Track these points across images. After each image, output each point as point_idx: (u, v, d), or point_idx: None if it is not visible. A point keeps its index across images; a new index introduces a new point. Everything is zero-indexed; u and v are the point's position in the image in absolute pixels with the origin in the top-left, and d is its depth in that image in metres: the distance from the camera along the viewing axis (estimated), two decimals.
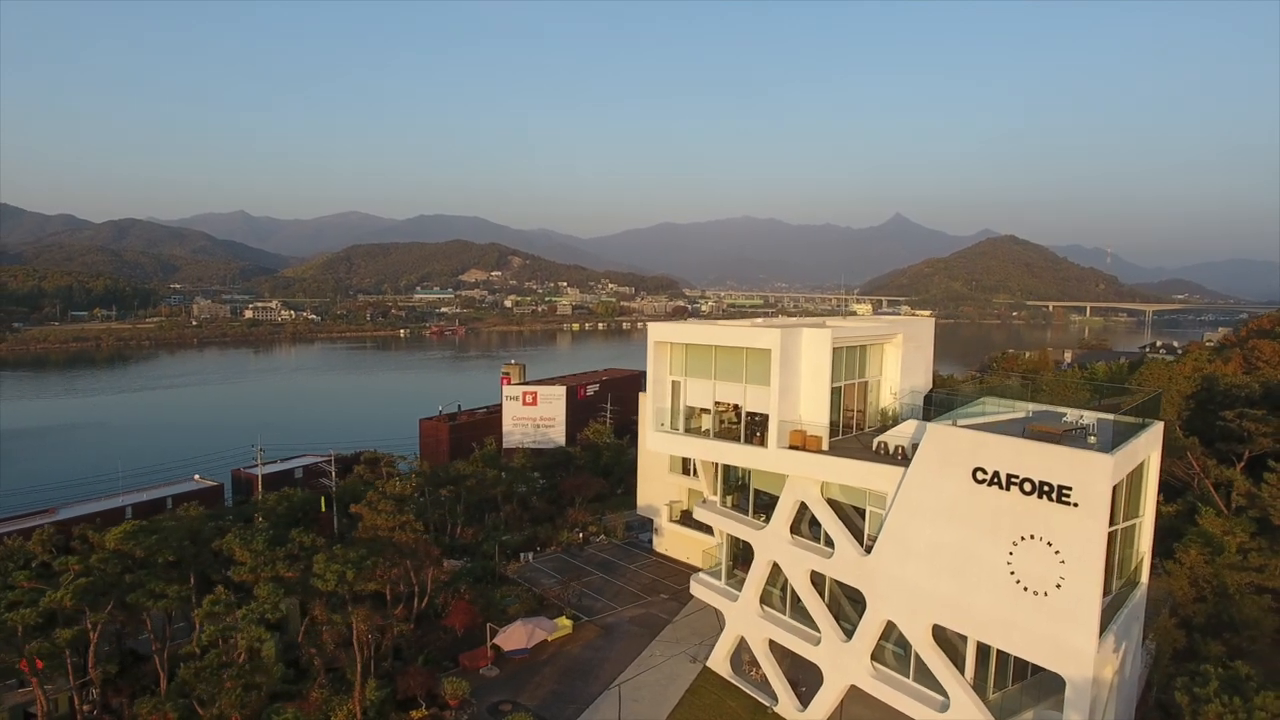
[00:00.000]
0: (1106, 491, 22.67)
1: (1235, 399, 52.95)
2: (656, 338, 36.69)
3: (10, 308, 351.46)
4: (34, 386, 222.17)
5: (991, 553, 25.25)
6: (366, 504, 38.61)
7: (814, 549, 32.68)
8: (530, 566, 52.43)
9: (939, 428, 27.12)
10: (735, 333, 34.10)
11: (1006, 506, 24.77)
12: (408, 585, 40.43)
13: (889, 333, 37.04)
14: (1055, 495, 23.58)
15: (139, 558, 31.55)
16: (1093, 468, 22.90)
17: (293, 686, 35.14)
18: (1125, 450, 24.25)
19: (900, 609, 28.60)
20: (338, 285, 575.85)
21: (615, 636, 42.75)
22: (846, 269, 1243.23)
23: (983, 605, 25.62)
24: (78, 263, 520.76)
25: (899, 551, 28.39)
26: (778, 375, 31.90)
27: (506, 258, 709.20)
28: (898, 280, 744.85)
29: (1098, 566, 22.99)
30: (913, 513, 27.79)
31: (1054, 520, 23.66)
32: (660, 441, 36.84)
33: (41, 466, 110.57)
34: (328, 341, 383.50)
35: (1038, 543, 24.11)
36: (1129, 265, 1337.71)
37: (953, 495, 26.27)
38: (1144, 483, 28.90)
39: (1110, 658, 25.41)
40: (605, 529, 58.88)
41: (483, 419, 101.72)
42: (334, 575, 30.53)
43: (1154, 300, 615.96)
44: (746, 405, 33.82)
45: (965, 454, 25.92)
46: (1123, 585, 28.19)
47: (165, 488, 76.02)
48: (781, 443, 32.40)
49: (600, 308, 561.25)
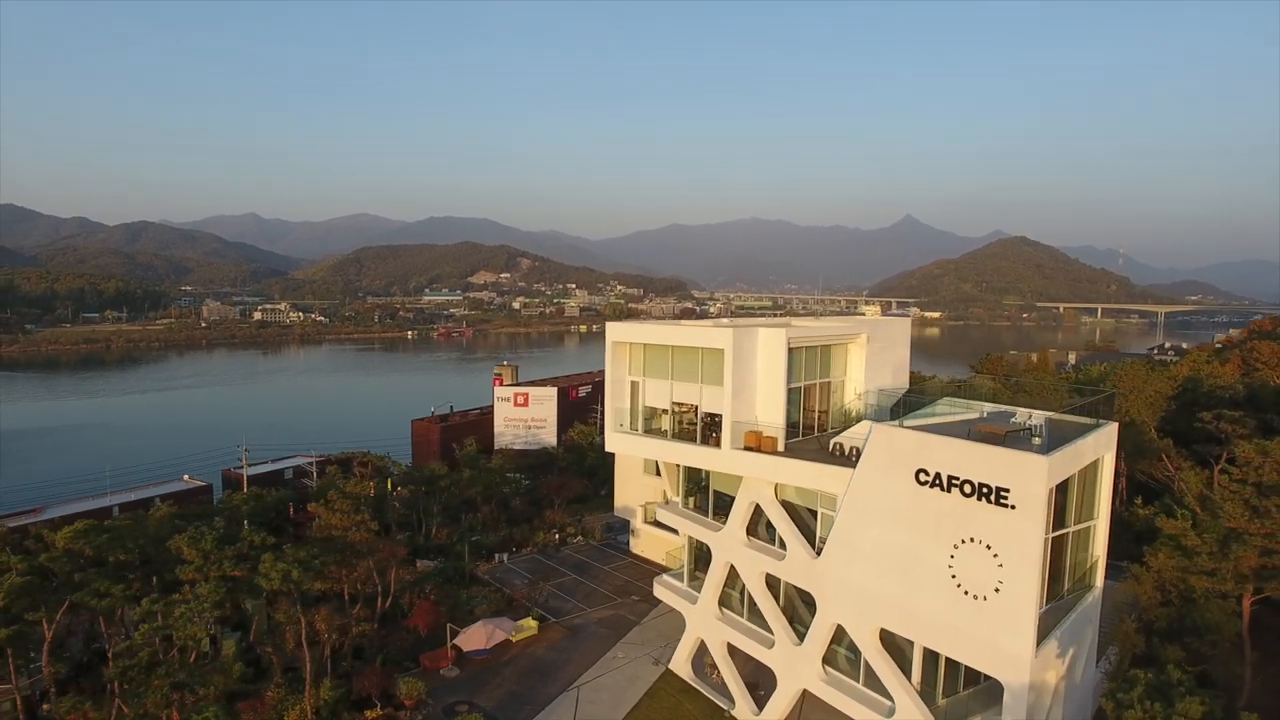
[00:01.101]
0: (1043, 493, 22.20)
1: (1219, 400, 52.22)
2: (614, 338, 36.43)
3: (23, 309, 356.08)
4: (42, 387, 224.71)
5: (934, 556, 24.81)
6: (324, 503, 38.60)
7: (768, 551, 32.32)
8: (504, 567, 52.26)
9: (883, 428, 26.73)
10: (690, 333, 33.82)
11: (948, 509, 24.34)
12: (372, 585, 40.36)
13: (852, 333, 36.61)
14: (994, 497, 23.14)
15: (89, 557, 31.65)
16: (1029, 469, 22.43)
17: (251, 686, 35.21)
18: (1066, 451, 23.76)
19: (848, 612, 28.21)
20: (347, 287, 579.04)
21: (581, 638, 42.48)
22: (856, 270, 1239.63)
23: (926, 609, 25.18)
24: (91, 265, 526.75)
25: (846, 554, 28.00)
26: (731, 375, 31.58)
27: (515, 259, 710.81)
28: (907, 281, 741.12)
29: (1035, 570, 22.53)
30: (859, 515, 27.39)
31: (993, 523, 23.22)
32: (618, 442, 36.58)
33: (41, 466, 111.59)
34: (336, 343, 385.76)
35: (977, 546, 23.67)
36: (1142, 266, 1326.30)
37: (897, 497, 25.85)
38: (1098, 485, 28.36)
39: (1054, 663, 24.91)
40: (583, 530, 58.66)
41: (475, 420, 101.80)
42: (279, 574, 30.46)
43: (1166, 301, 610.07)
44: (702, 406, 33.51)
45: (909, 455, 25.50)
46: (1074, 589, 27.69)
47: (154, 487, 76.42)
48: (736, 444, 32.07)
49: (608, 309, 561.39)
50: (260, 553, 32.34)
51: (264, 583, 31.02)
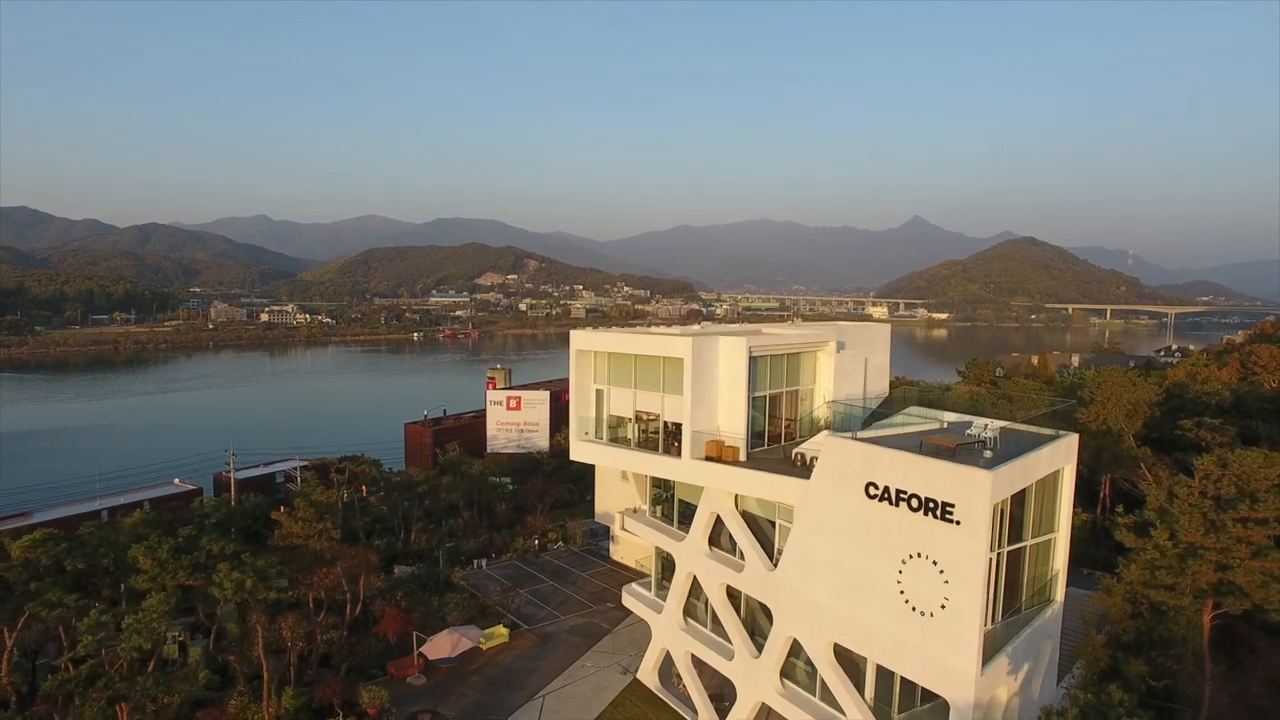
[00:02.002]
0: (987, 509, 21.81)
1: (1205, 407, 51.53)
2: (578, 346, 36.19)
3: (33, 311, 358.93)
4: (48, 389, 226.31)
5: (883, 571, 24.45)
6: (288, 511, 38.52)
7: (729, 562, 32.03)
8: (482, 574, 52.11)
9: (834, 440, 26.41)
10: (652, 341, 33.48)
11: (895, 523, 23.98)
12: (341, 592, 40.27)
13: (821, 340, 36.21)
14: (939, 512, 22.76)
15: (47, 566, 31.67)
16: (973, 484, 22.04)
17: (217, 694, 35.17)
18: (1014, 465, 23.34)
19: (802, 626, 27.88)
20: (354, 289, 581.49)
21: (551, 646, 42.27)
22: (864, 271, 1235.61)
23: (876, 625, 24.82)
24: (101, 267, 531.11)
25: (800, 567, 27.67)
26: (691, 385, 31.30)
27: (522, 261, 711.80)
28: (915, 282, 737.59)
29: (979, 587, 22.12)
30: (813, 527, 27.06)
31: (939, 538, 22.85)
32: (583, 451, 36.33)
33: (37, 469, 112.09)
34: (342, 345, 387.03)
35: (924, 561, 23.29)
36: (1152, 267, 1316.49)
37: (848, 510, 25.51)
38: (1058, 497, 27.93)
39: (1004, 680, 24.47)
40: (565, 536, 58.45)
41: (468, 424, 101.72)
42: (231, 584, 30.37)
43: (1176, 302, 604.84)
44: (664, 415, 33.23)
45: (859, 468, 25.16)
46: (1032, 603, 27.27)
47: (144, 491, 76.60)
48: (697, 453, 31.78)
49: (614, 311, 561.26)
50: (218, 562, 32.25)
51: (216, 592, 30.95)
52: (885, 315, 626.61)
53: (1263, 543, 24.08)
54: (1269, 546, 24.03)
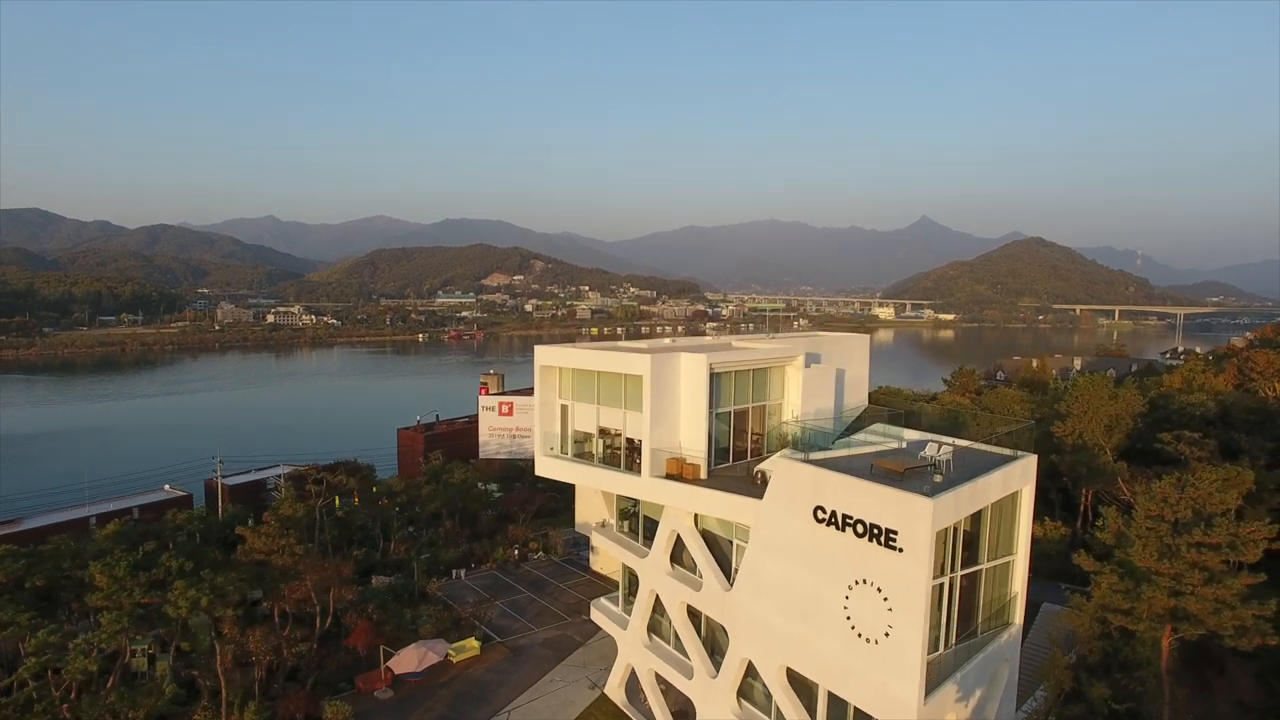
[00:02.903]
0: (928, 537, 21.49)
1: (1190, 418, 50.94)
2: (542, 361, 36.06)
3: (42, 313, 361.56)
4: (54, 391, 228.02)
5: (831, 596, 24.18)
6: (255, 526, 38.50)
7: (689, 580, 31.81)
8: (460, 584, 52.02)
9: (784, 462, 26.15)
10: (613, 358, 33.25)
11: (843, 549, 23.70)
12: (312, 605, 40.23)
13: (788, 355, 35.90)
14: (883, 539, 22.48)
15: (3, 584, 31.72)
16: (915, 512, 21.73)
17: (183, 708, 35.23)
18: (961, 491, 22.99)
19: (756, 648, 27.64)
20: (361, 289, 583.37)
21: (522, 659, 42.14)
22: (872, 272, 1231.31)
23: (825, 650, 24.54)
24: (111, 268, 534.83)
25: (754, 589, 27.43)
26: (650, 402, 31.07)
27: (529, 261, 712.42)
28: (922, 283, 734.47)
29: (921, 616, 21.80)
30: (765, 549, 26.82)
31: (882, 565, 22.55)
32: (547, 466, 36.17)
33: (33, 473, 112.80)
34: (347, 346, 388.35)
35: (869, 588, 23.00)
36: (1162, 267, 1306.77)
37: (798, 533, 25.25)
38: (1016, 519, 27.57)
39: (953, 708, 24.12)
40: (546, 546, 58.29)
41: (461, 429, 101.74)
42: (187, 603, 30.36)
43: (1186, 303, 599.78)
44: (626, 431, 33.04)
45: (808, 491, 24.90)
46: (988, 627, 26.92)
47: (134, 498, 77.09)
48: (657, 471, 31.56)
49: (620, 312, 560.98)
50: (177, 578, 32.26)
51: (171, 611, 30.94)
52: (892, 316, 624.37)
53: (1217, 568, 23.66)
54: (1223, 572, 23.60)
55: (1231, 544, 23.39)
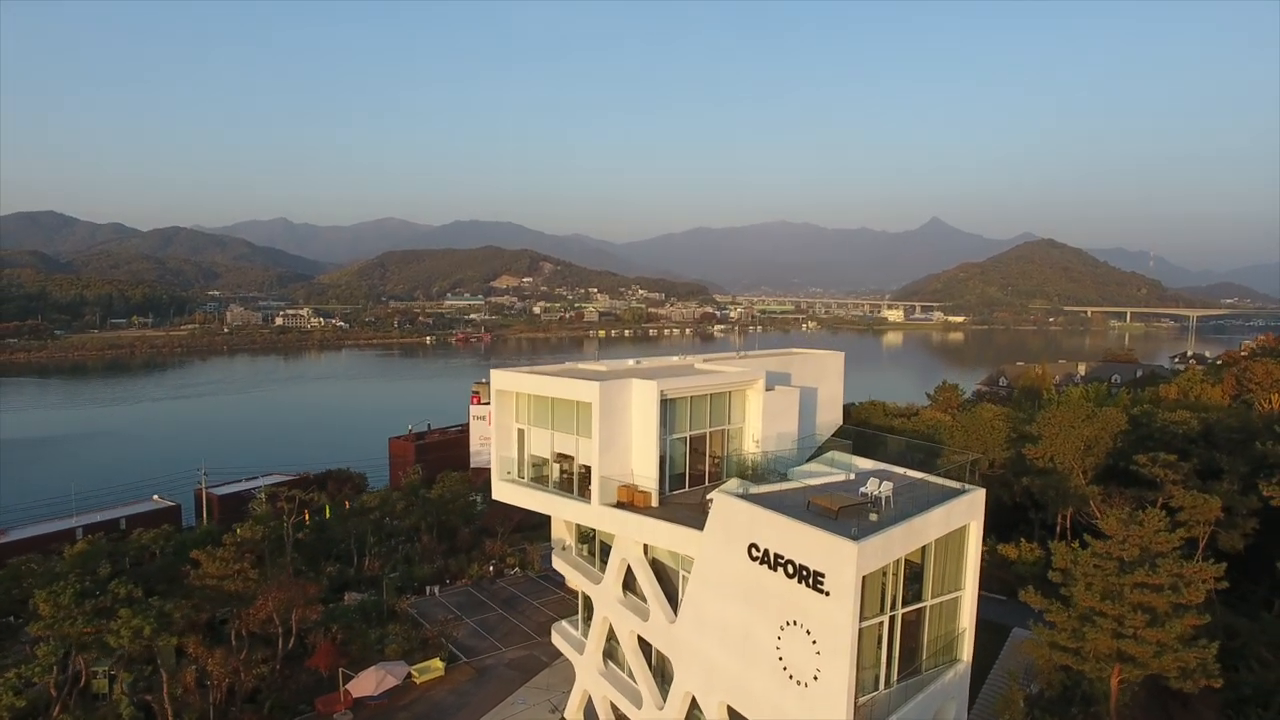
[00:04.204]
0: (853, 581, 21.06)
1: (1173, 436, 50.05)
2: (498, 385, 35.79)
3: (54, 315, 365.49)
4: (62, 394, 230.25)
5: (765, 636, 23.80)
6: (206, 551, 38.43)
7: (638, 609, 31.45)
8: (433, 601, 51.88)
9: (721, 496, 25.78)
10: (564, 384, 32.93)
11: (775, 588, 23.32)
12: (274, 626, 40.16)
13: (748, 379, 35.45)
14: (811, 581, 22.08)
15: None
16: (840, 555, 21.31)
17: None
18: (890, 534, 22.44)
19: (698, 683, 27.30)
20: (371, 292, 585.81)
21: (486, 680, 41.92)
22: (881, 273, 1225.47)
23: (760, 690, 24.17)
24: (123, 270, 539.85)
25: (696, 623, 27.08)
26: (599, 429, 30.72)
27: (538, 264, 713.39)
28: (932, 285, 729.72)
29: (847, 660, 21.36)
30: (704, 583, 26.49)
31: (811, 608, 22.15)
32: (504, 491, 35.91)
33: (39, 476, 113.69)
34: (355, 348, 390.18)
35: (800, 630, 22.60)
36: (1175, 269, 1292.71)
37: (734, 570, 24.87)
38: (963, 554, 27.02)
39: None
40: (522, 561, 58.08)
41: (453, 438, 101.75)
42: (129, 633, 30.31)
43: (1199, 305, 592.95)
44: (579, 458, 32.75)
45: (743, 527, 24.53)
46: (933, 664, 26.39)
47: (121, 508, 77.34)
48: (608, 498, 31.22)
49: (628, 314, 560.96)
50: (124, 606, 32.20)
51: (113, 640, 30.92)
52: (901, 318, 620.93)
53: (1163, 609, 23.07)
54: (1168, 614, 23.02)
55: (1174, 585, 22.79)
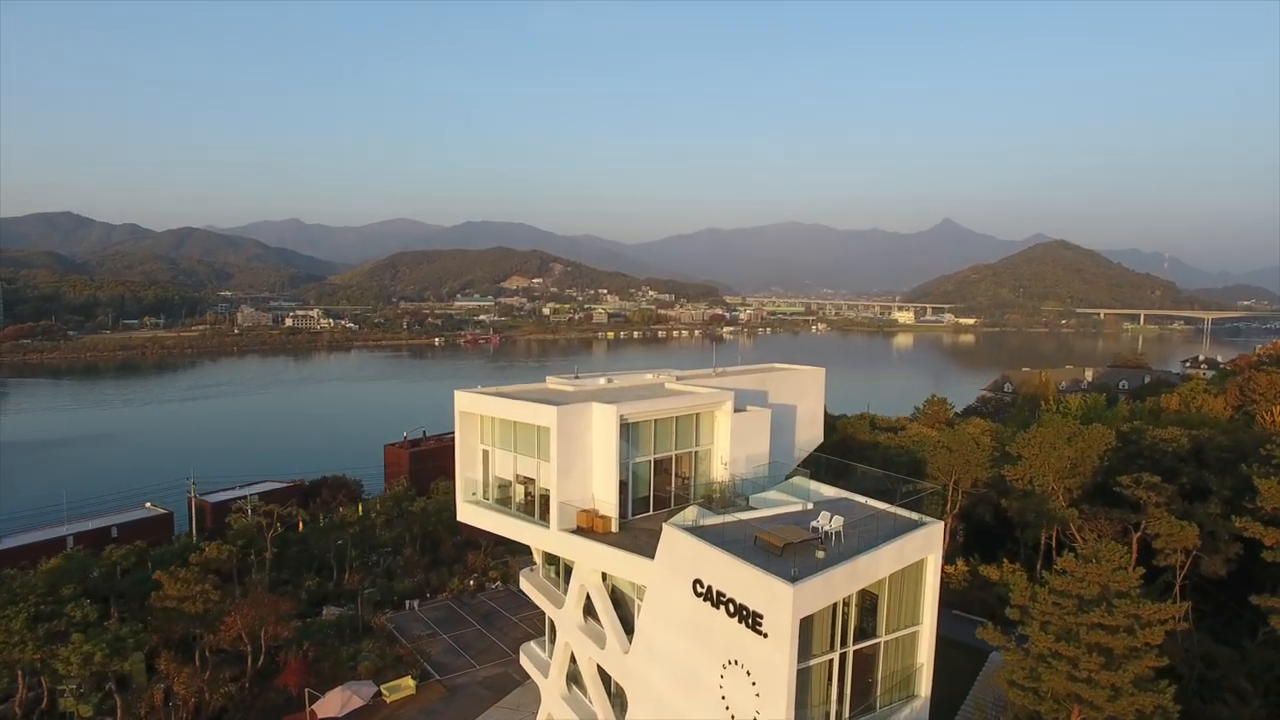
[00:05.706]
0: (789, 624, 20.53)
1: (1163, 454, 49.05)
2: (461, 407, 35.44)
3: (68, 316, 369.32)
4: (70, 395, 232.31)
5: (709, 674, 23.35)
6: (169, 572, 38.34)
7: (597, 637, 30.98)
8: (411, 616, 51.65)
9: (669, 529, 25.29)
10: (524, 408, 32.50)
11: (717, 626, 22.85)
12: (244, 644, 40.03)
13: (715, 401, 34.91)
14: (750, 621, 21.59)
15: None
16: (777, 597, 20.79)
17: None
18: (830, 575, 21.82)
19: (648, 716, 26.80)
20: (381, 292, 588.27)
21: (457, 699, 41.63)
22: (893, 275, 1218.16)
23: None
24: (137, 271, 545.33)
25: (647, 654, 26.63)
26: (558, 454, 30.30)
27: (548, 264, 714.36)
28: (943, 286, 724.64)
29: (783, 703, 20.86)
30: (654, 615, 26.06)
31: (751, 648, 21.68)
32: (468, 512, 35.55)
33: (37, 481, 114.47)
34: (365, 349, 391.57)
35: (740, 670, 22.14)
36: (1191, 270, 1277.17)
37: (680, 604, 24.44)
38: (921, 588, 26.42)
39: None
40: (504, 575, 57.77)
41: (449, 445, 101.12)
42: (79, 658, 30.19)
43: (1214, 307, 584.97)
44: (540, 481, 32.35)
45: (689, 562, 24.08)
46: (887, 700, 25.81)
47: (113, 516, 77.53)
48: (567, 523, 30.80)
49: (637, 316, 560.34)
50: (78, 630, 32.14)
51: (61, 668, 30.83)
52: (911, 320, 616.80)
53: (1120, 651, 22.38)
54: (1125, 656, 22.32)
55: (1130, 628, 22.09)
